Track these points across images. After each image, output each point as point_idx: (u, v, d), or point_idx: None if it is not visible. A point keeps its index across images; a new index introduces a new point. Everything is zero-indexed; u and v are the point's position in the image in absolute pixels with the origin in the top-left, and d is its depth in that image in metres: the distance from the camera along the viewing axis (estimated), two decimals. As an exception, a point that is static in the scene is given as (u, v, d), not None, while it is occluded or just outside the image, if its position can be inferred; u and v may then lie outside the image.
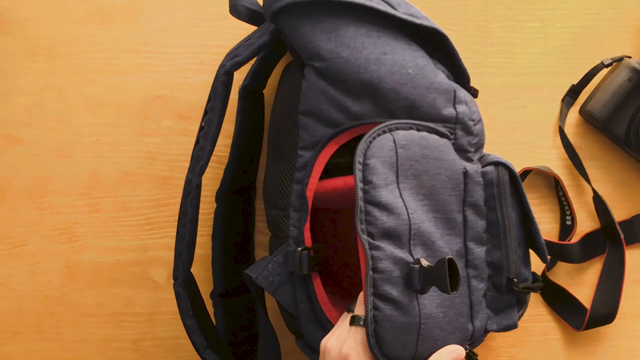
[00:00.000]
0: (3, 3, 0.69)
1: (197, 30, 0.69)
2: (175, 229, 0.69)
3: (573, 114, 0.69)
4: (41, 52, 0.69)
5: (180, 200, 0.69)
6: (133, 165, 0.69)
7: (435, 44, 0.52)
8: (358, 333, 0.48)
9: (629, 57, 0.65)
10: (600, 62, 0.66)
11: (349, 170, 0.52)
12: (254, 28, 0.58)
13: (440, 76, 0.51)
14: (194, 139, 0.68)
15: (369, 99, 0.50)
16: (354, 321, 0.49)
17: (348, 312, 0.51)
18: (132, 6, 0.69)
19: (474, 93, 0.55)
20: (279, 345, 0.58)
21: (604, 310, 0.66)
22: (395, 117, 0.51)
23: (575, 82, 0.68)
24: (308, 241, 0.53)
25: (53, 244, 0.69)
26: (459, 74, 0.54)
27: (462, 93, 0.52)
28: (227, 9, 0.68)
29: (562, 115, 0.68)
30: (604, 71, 0.66)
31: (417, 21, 0.50)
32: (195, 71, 0.69)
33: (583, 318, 0.66)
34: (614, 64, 0.66)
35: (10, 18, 0.69)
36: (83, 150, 0.69)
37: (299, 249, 0.52)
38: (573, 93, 0.68)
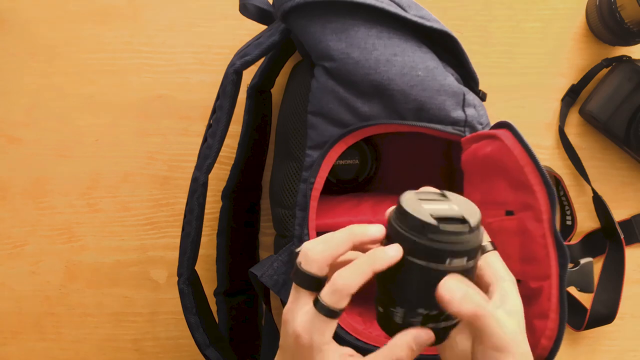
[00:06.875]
0: (3, 3, 0.68)
1: (197, 30, 0.69)
2: (175, 229, 0.69)
3: (573, 114, 0.69)
4: (41, 52, 0.69)
5: (180, 199, 0.69)
6: (133, 165, 0.69)
7: (445, 46, 0.52)
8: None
9: (629, 57, 0.66)
10: (600, 62, 0.66)
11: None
12: (254, 28, 0.58)
13: (449, 79, 0.51)
14: (194, 139, 0.68)
15: (378, 100, 0.50)
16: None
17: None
18: (133, 6, 0.69)
19: (482, 97, 0.55)
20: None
21: (604, 310, 0.66)
22: (404, 118, 0.51)
23: (575, 82, 0.68)
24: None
25: (53, 244, 0.69)
26: (469, 77, 0.54)
27: (471, 97, 0.52)
28: (228, 8, 0.68)
29: (562, 115, 0.68)
30: (604, 71, 0.67)
31: (428, 24, 0.50)
32: (195, 71, 0.69)
33: (583, 318, 0.66)
34: (614, 64, 0.66)
35: (10, 18, 0.69)
36: (83, 150, 0.69)
37: None
38: (573, 93, 0.68)
